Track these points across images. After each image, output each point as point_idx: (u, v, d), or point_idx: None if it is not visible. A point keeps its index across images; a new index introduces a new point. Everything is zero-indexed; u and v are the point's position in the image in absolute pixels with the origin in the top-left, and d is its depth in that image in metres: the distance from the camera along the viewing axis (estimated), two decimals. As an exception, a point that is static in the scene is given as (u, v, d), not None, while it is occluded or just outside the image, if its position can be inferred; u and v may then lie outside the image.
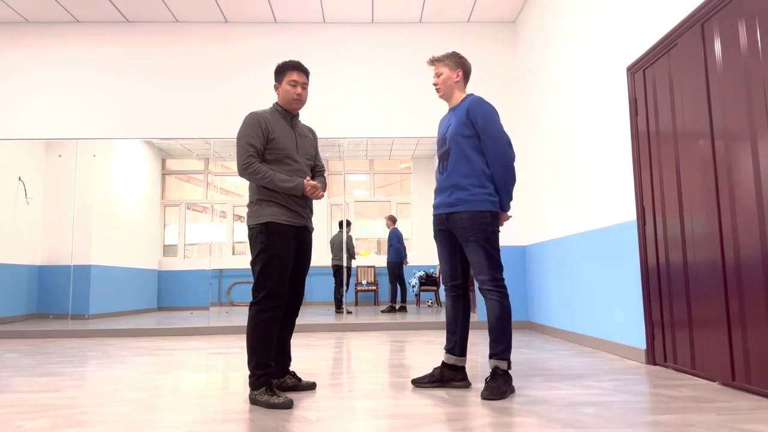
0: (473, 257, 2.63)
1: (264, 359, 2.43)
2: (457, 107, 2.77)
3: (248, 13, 6.11)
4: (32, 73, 6.16)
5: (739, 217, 2.57)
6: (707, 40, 2.82)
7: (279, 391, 2.47)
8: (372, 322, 5.96)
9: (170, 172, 9.57)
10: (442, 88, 2.80)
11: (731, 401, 2.37)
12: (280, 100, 2.69)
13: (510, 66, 6.27)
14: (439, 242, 2.80)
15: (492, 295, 2.60)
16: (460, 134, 2.67)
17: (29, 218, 6.97)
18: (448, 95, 2.82)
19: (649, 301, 3.40)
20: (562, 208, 4.83)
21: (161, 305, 9.02)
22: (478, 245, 2.61)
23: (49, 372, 3.38)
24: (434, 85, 2.82)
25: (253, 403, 2.41)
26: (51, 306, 6.79)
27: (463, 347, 2.72)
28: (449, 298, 2.78)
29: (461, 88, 2.81)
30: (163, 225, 9.47)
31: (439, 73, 2.79)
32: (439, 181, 2.77)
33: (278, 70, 2.70)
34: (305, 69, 2.69)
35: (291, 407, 2.35)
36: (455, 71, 2.78)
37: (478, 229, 2.61)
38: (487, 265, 2.60)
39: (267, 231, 2.49)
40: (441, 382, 2.70)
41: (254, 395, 2.42)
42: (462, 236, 2.64)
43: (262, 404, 2.38)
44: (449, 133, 2.72)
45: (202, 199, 9.70)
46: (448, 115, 2.81)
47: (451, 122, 2.74)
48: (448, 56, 2.80)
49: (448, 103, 2.85)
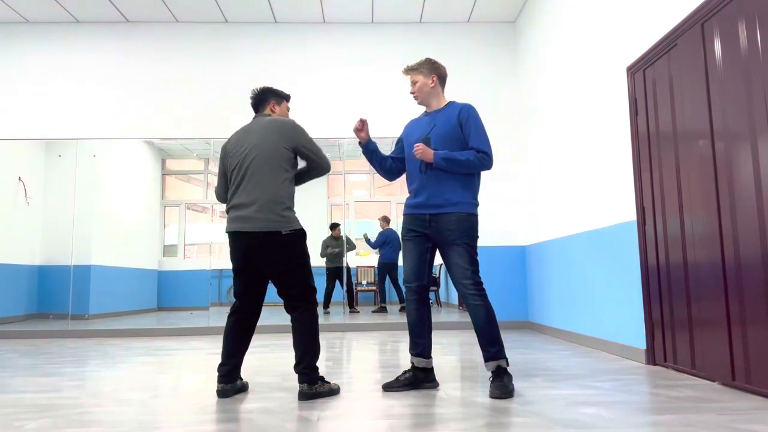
0: (457, 260, 2.60)
1: (319, 355, 2.58)
2: (440, 111, 2.77)
3: (248, 13, 6.11)
4: (32, 73, 6.16)
5: (739, 217, 2.57)
6: (707, 40, 2.82)
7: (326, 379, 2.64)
8: (372, 322, 5.97)
9: (170, 172, 9.57)
10: (419, 95, 2.79)
11: (731, 401, 2.37)
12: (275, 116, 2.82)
13: (510, 66, 6.27)
14: (411, 243, 2.72)
15: (476, 299, 2.59)
16: (450, 136, 2.68)
17: (29, 218, 6.97)
18: (426, 101, 2.81)
19: (649, 301, 3.40)
20: (562, 208, 4.83)
21: (161, 305, 9.02)
22: (464, 249, 2.60)
23: (49, 372, 3.38)
24: (411, 93, 2.82)
25: (315, 397, 2.51)
26: (51, 306, 6.79)
27: (430, 349, 2.74)
28: (414, 301, 2.73)
29: (438, 93, 2.81)
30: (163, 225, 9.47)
31: (414, 81, 2.79)
32: (418, 179, 2.71)
33: (281, 94, 2.86)
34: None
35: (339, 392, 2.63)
36: (429, 77, 2.77)
37: (466, 232, 2.61)
38: (471, 270, 2.59)
39: (304, 237, 2.64)
40: (413, 386, 2.70)
41: (315, 389, 2.51)
42: (446, 238, 2.62)
43: (327, 394, 2.54)
44: (434, 133, 2.70)
45: (202, 199, 9.70)
46: (427, 119, 2.79)
47: (436, 123, 2.73)
48: (421, 63, 2.79)
49: (427, 108, 2.83)
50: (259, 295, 2.70)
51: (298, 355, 2.53)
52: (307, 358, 2.52)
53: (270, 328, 5.73)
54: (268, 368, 3.41)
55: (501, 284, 5.82)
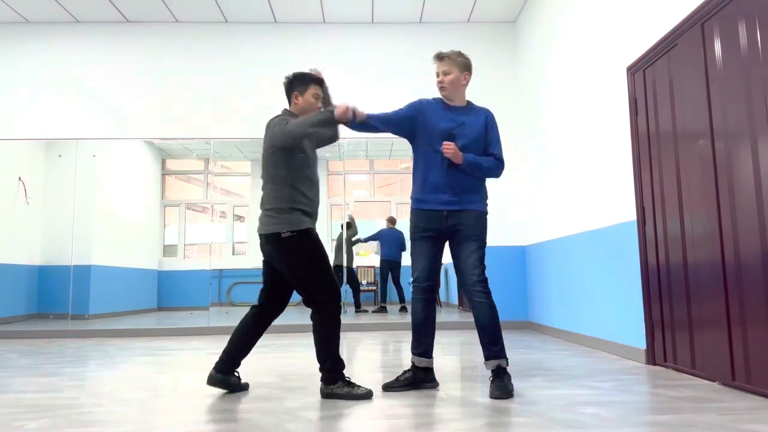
0: (470, 255, 2.61)
1: (338, 355, 2.56)
2: (465, 111, 2.74)
3: (248, 13, 6.11)
4: (32, 73, 6.16)
5: (739, 217, 2.57)
6: (707, 40, 2.82)
7: (356, 383, 2.59)
8: (372, 322, 5.96)
9: (170, 172, 9.57)
10: (449, 87, 2.70)
11: (731, 401, 2.37)
12: (298, 111, 2.70)
13: (510, 66, 6.27)
14: (424, 243, 2.69)
15: (481, 297, 2.59)
16: (478, 140, 2.70)
17: (29, 218, 6.97)
18: (452, 95, 2.73)
19: (649, 301, 3.40)
20: (562, 208, 4.83)
21: (161, 305, 9.01)
22: (478, 246, 2.64)
23: (49, 372, 3.38)
24: (439, 82, 2.71)
25: (330, 397, 2.51)
26: (51, 306, 6.78)
27: (432, 349, 2.74)
28: (423, 300, 2.71)
29: (464, 90, 2.79)
30: (163, 225, 9.46)
31: (447, 71, 2.69)
32: (440, 175, 2.66)
33: (300, 79, 2.69)
34: (325, 84, 2.78)
35: (371, 397, 2.51)
36: (463, 74, 2.72)
37: (483, 229, 2.68)
38: (479, 267, 2.61)
39: (310, 237, 2.57)
40: (413, 385, 2.70)
41: (332, 389, 2.52)
42: (463, 233, 2.63)
43: (344, 396, 2.49)
44: (462, 134, 2.67)
45: (202, 199, 9.70)
46: (450, 112, 2.73)
47: (465, 123, 2.70)
48: (458, 54, 2.71)
49: (449, 101, 2.75)
50: (278, 294, 2.70)
51: (317, 355, 2.57)
52: (321, 358, 2.56)
53: (270, 328, 5.73)
54: (268, 368, 3.41)
55: (501, 284, 5.82)
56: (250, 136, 6.13)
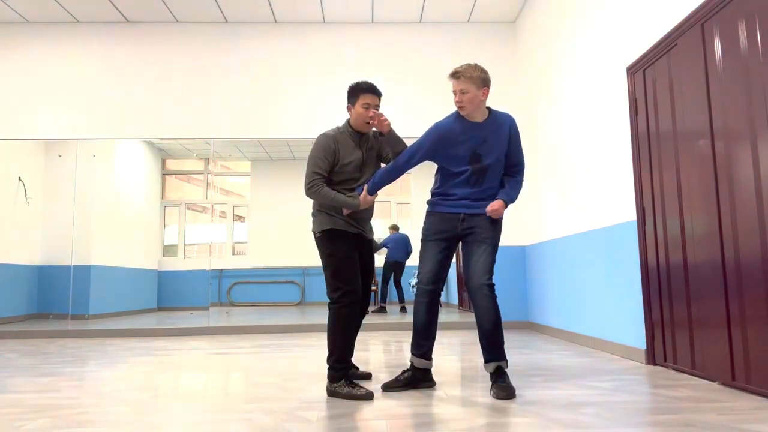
0: (481, 257, 2.61)
1: (344, 354, 2.61)
2: (487, 124, 2.65)
3: (248, 13, 6.11)
4: (32, 73, 6.16)
5: (739, 217, 2.57)
6: (707, 40, 2.82)
7: (359, 383, 2.62)
8: (372, 322, 5.96)
9: (170, 172, 9.57)
10: (468, 107, 2.59)
11: (731, 401, 2.37)
12: (352, 121, 2.77)
13: (510, 66, 6.27)
14: (436, 245, 2.70)
15: (488, 301, 2.60)
16: (503, 153, 2.70)
17: (29, 218, 6.97)
18: (472, 114, 2.64)
19: (649, 301, 3.39)
20: (562, 208, 4.83)
21: (161, 305, 9.01)
22: (492, 249, 2.65)
23: (49, 372, 3.38)
24: (458, 102, 2.60)
25: (333, 395, 2.55)
26: (51, 306, 6.79)
27: (432, 351, 2.76)
28: (425, 303, 2.70)
29: (484, 104, 2.68)
30: (163, 225, 9.46)
31: (465, 90, 2.57)
32: (468, 194, 2.68)
33: (351, 91, 2.78)
34: (378, 92, 2.77)
35: (372, 398, 2.50)
36: (481, 90, 2.59)
37: (497, 233, 2.70)
38: (489, 271, 2.62)
39: (330, 237, 2.69)
40: (412, 385, 2.71)
41: (334, 387, 2.55)
42: (478, 235, 2.65)
43: (344, 396, 2.51)
44: (488, 151, 2.65)
45: (202, 199, 9.70)
46: (471, 129, 2.64)
47: (487, 139, 2.64)
48: (474, 69, 2.58)
49: (468, 117, 2.65)
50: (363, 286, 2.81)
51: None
52: (328, 354, 2.64)
53: (270, 328, 5.74)
54: (268, 368, 3.41)
55: (501, 284, 5.81)
56: (250, 136, 6.13)
